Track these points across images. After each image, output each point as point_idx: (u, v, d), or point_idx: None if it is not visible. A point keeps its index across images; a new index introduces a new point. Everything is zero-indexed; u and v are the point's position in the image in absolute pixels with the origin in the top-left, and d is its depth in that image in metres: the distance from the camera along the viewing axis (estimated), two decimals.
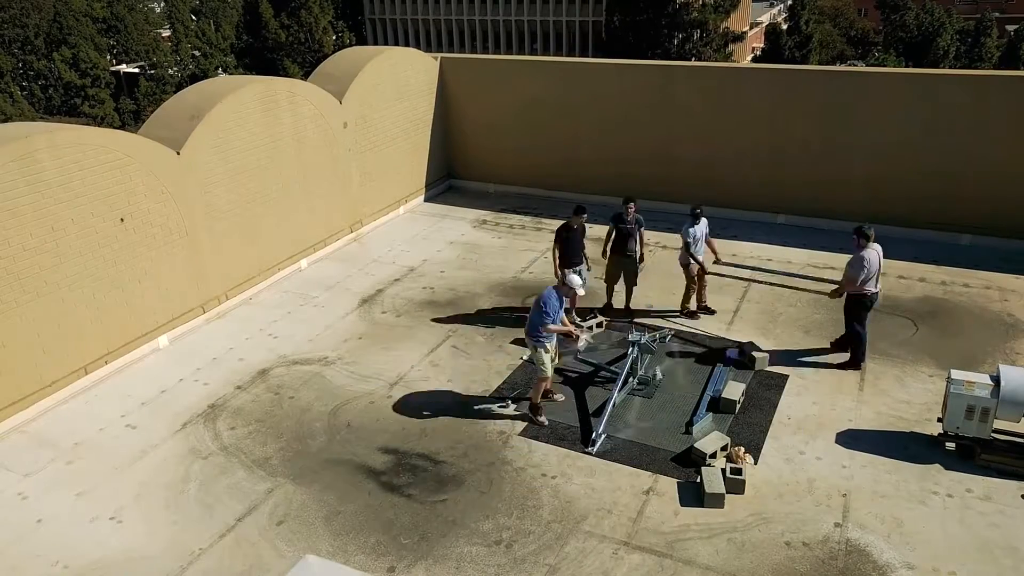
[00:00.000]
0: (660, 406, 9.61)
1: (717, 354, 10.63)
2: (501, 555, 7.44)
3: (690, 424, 9.10)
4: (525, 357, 10.66)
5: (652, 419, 9.35)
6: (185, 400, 10.10)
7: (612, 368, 10.29)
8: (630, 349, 9.90)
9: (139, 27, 75.14)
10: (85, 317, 10.27)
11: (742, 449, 8.62)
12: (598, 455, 8.76)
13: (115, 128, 36.63)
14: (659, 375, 10.11)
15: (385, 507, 8.11)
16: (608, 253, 11.57)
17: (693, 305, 11.82)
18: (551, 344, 9.14)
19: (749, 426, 9.18)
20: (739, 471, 8.12)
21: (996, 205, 13.57)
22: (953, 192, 13.79)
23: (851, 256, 9.90)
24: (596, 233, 13.24)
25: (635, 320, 11.67)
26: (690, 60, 46.74)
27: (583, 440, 9.01)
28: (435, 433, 9.27)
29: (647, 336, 9.95)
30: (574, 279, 9.13)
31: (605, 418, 9.13)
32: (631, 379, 9.87)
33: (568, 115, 16.38)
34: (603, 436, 9.00)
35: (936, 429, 8.78)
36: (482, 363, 10.76)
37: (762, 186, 15.20)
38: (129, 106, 66.11)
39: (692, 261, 11.39)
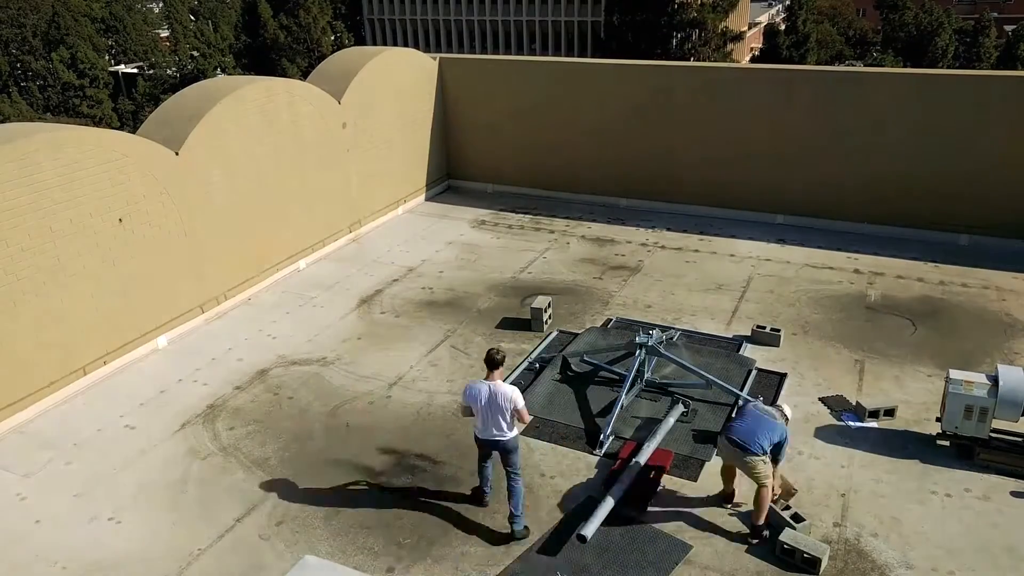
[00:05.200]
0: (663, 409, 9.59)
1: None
2: (500, 555, 7.43)
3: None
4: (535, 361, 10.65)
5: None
6: (184, 400, 10.10)
7: (615, 369, 10.26)
8: (637, 351, 9.87)
9: (137, 27, 75.12)
10: (84, 317, 10.26)
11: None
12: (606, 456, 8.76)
13: (113, 128, 36.64)
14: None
15: (384, 507, 8.11)
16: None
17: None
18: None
19: None
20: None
21: (994, 205, 13.58)
22: (951, 192, 13.81)
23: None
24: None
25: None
26: (689, 60, 46.80)
27: (589, 441, 9.00)
28: (434, 433, 9.27)
29: (654, 337, 9.91)
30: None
31: (612, 420, 9.12)
32: (638, 381, 9.84)
33: (567, 115, 16.39)
34: (611, 438, 8.98)
35: (935, 429, 8.79)
36: (481, 363, 10.74)
37: (761, 186, 15.21)
38: (128, 106, 66.03)
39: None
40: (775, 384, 10.01)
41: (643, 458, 8.33)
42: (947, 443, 8.61)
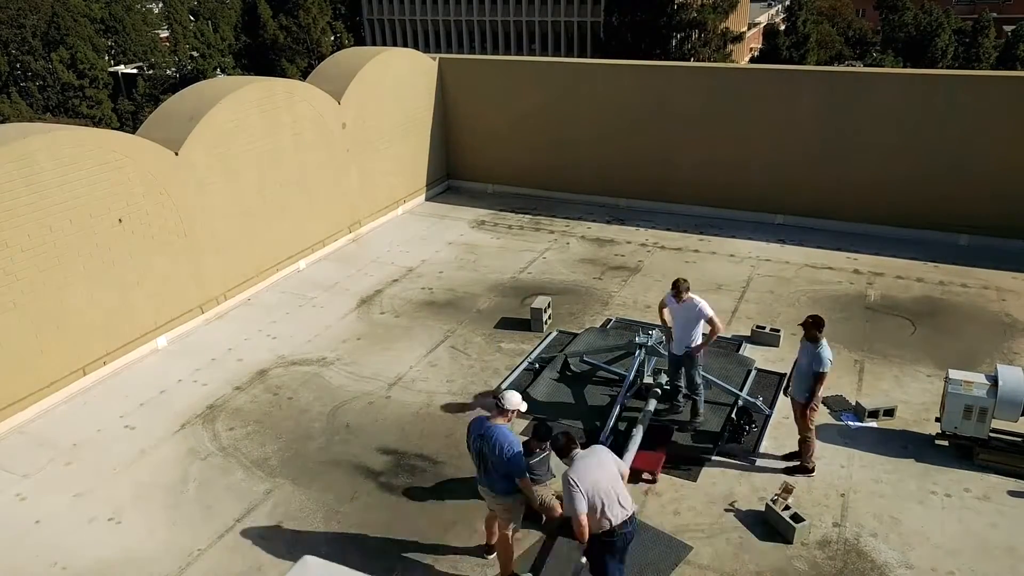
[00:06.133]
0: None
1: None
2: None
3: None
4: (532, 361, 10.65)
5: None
6: (184, 401, 10.10)
7: (614, 369, 10.26)
8: (637, 351, 9.86)
9: (137, 28, 75.03)
10: (83, 318, 10.26)
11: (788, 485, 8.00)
12: None
13: (113, 129, 36.60)
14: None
15: (384, 507, 8.11)
16: None
17: None
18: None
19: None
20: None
21: (994, 205, 13.58)
22: (951, 192, 13.81)
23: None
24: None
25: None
26: (688, 61, 46.79)
27: (588, 441, 8.96)
28: (433, 434, 9.28)
29: (654, 337, 9.90)
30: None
31: (612, 420, 9.10)
32: (638, 381, 9.83)
33: (567, 115, 16.39)
34: (611, 438, 8.97)
35: (934, 429, 8.79)
36: (480, 363, 10.76)
37: (761, 186, 15.21)
38: (127, 107, 65.96)
39: None
40: (775, 384, 10.01)
41: (632, 449, 8.36)
42: (945, 443, 8.61)
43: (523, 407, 6.80)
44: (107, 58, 71.45)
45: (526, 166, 17.28)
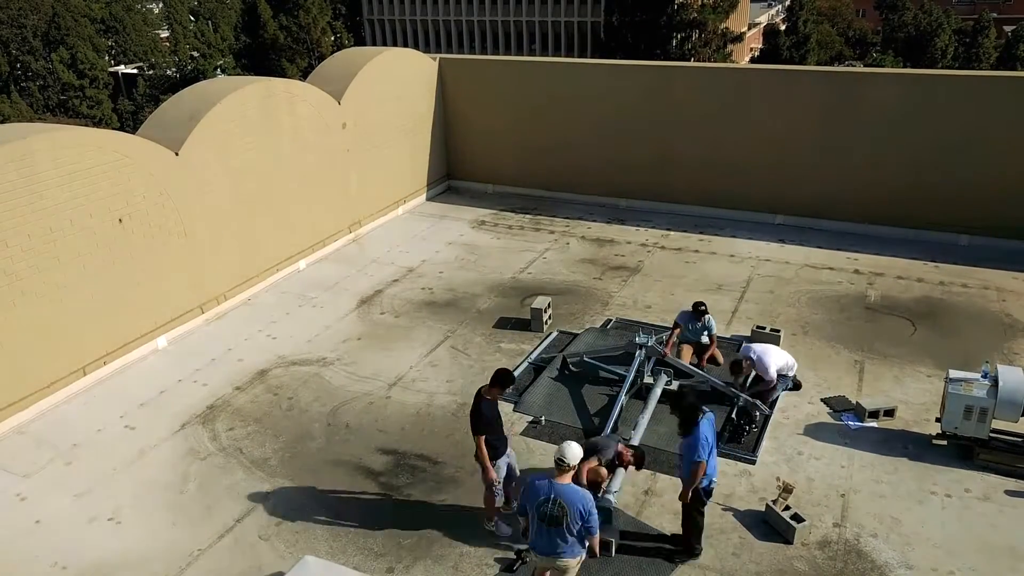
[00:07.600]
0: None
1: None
2: (500, 555, 7.43)
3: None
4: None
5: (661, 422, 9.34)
6: (184, 401, 10.10)
7: (613, 369, 10.25)
8: (637, 352, 9.86)
9: (137, 28, 75.06)
10: (84, 318, 10.26)
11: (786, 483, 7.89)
12: None
13: (113, 129, 36.61)
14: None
15: (384, 508, 8.11)
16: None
17: None
18: None
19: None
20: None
21: (995, 205, 13.58)
22: (951, 192, 13.80)
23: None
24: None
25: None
26: (688, 61, 46.79)
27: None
28: (434, 434, 9.27)
29: (654, 338, 9.89)
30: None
31: (612, 421, 9.10)
32: (638, 381, 9.83)
33: (567, 115, 16.39)
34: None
35: (934, 429, 8.79)
36: (480, 363, 10.76)
37: (761, 186, 15.21)
38: (127, 107, 65.97)
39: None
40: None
41: (637, 437, 8.41)
42: (944, 443, 8.61)
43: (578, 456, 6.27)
44: (107, 58, 71.45)
45: (526, 166, 17.28)
